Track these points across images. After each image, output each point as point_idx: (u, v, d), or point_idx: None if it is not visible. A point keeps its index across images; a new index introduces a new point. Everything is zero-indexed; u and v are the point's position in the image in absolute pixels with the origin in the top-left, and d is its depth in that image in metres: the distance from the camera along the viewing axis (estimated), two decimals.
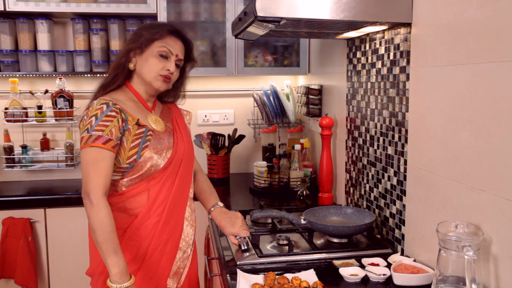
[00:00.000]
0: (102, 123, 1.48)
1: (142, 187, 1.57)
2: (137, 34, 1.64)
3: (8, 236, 2.47)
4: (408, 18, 1.56)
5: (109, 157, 1.47)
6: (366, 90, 1.93)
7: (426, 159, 1.49)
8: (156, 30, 1.61)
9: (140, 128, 1.57)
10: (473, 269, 1.11)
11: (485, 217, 1.21)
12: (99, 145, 1.45)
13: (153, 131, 1.60)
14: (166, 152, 1.60)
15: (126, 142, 1.53)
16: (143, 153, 1.54)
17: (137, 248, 1.57)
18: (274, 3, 1.47)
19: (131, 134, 1.54)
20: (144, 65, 1.60)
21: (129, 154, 1.53)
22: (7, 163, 2.82)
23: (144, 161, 1.55)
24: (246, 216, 2.04)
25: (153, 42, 1.60)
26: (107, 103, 1.51)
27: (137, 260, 1.57)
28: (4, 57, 2.71)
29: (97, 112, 1.49)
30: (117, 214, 1.56)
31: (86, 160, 1.46)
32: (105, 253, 1.40)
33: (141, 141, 1.55)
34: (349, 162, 2.15)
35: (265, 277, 1.39)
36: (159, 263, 1.60)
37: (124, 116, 1.54)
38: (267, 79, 3.01)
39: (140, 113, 1.61)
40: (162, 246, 1.60)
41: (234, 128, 2.94)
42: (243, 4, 2.69)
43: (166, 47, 1.60)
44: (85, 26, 2.78)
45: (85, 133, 1.48)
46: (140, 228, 1.57)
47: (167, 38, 1.62)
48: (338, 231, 1.68)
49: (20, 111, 2.75)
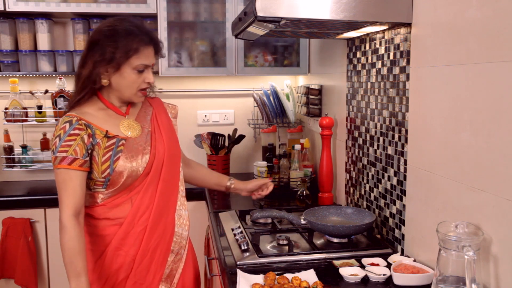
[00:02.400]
0: (65, 143, 1.45)
1: (123, 197, 1.54)
2: (102, 47, 1.47)
3: (8, 236, 2.47)
4: (408, 18, 1.55)
5: (76, 177, 1.45)
6: (366, 90, 1.93)
7: (426, 159, 1.49)
8: (129, 45, 1.47)
9: (110, 140, 1.51)
10: (473, 269, 1.11)
11: (485, 217, 1.21)
12: (65, 166, 1.44)
13: (126, 139, 1.54)
14: (142, 158, 1.55)
15: (97, 157, 1.49)
16: (116, 165, 1.50)
17: (124, 256, 1.54)
18: (274, 3, 1.47)
19: (101, 147, 1.50)
20: (121, 82, 1.51)
21: (102, 168, 1.49)
22: (7, 163, 2.82)
23: (119, 173, 1.50)
24: (246, 216, 2.04)
25: (130, 59, 1.48)
26: (70, 121, 1.47)
27: (126, 268, 1.55)
28: (4, 57, 2.71)
29: (60, 132, 1.46)
30: (101, 223, 1.55)
31: (56, 181, 1.46)
32: (69, 275, 1.40)
33: (112, 153, 1.50)
34: (349, 162, 2.15)
35: (265, 277, 1.39)
36: (149, 270, 1.57)
37: (91, 131, 1.49)
38: (267, 79, 3.01)
39: (110, 122, 1.55)
40: (151, 253, 1.57)
41: (234, 128, 2.94)
42: (243, 4, 2.69)
43: (143, 63, 1.50)
44: (85, 26, 2.78)
45: (51, 153, 1.48)
46: (126, 237, 1.54)
47: (143, 50, 1.50)
48: (338, 231, 1.68)
49: (20, 111, 2.75)
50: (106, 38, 1.48)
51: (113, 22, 1.52)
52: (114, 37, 1.48)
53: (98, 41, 1.49)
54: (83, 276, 1.39)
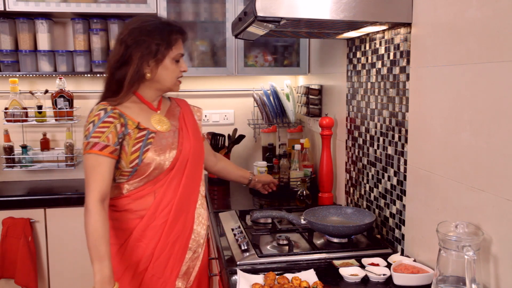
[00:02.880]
0: (98, 129, 1.49)
1: (148, 189, 1.58)
2: (146, 42, 1.53)
3: (8, 236, 2.47)
4: (408, 18, 1.55)
5: (106, 163, 1.48)
6: (366, 90, 1.93)
7: (426, 159, 1.49)
8: (170, 37, 1.57)
9: (141, 131, 1.56)
10: (473, 269, 1.11)
11: (485, 217, 1.21)
12: (96, 152, 1.47)
13: (156, 133, 1.59)
14: (169, 153, 1.60)
15: (127, 147, 1.53)
16: (145, 156, 1.54)
17: (144, 248, 1.57)
18: (274, 3, 1.47)
19: (132, 138, 1.54)
20: (164, 73, 1.59)
21: (131, 158, 1.53)
22: (7, 163, 2.82)
23: (146, 164, 1.55)
24: (246, 216, 2.04)
25: (169, 50, 1.57)
26: (105, 109, 1.52)
27: (145, 261, 1.57)
28: (4, 57, 2.71)
29: (94, 119, 1.51)
30: (123, 215, 1.57)
31: (85, 166, 1.49)
32: (92, 258, 1.42)
33: (142, 145, 1.55)
34: (349, 162, 2.15)
35: (265, 277, 1.39)
36: (167, 264, 1.60)
37: (123, 120, 1.54)
38: (267, 79, 3.01)
39: (142, 115, 1.60)
40: (169, 247, 1.60)
41: (234, 128, 2.94)
42: (243, 4, 2.69)
43: (180, 52, 1.61)
44: (85, 26, 2.78)
45: (84, 139, 1.50)
46: (147, 230, 1.57)
47: (177, 41, 1.60)
48: (338, 231, 1.68)
49: (20, 111, 2.75)
50: (148, 33, 1.54)
51: (146, 19, 1.59)
52: (155, 32, 1.55)
53: (139, 38, 1.53)
54: (106, 260, 1.42)
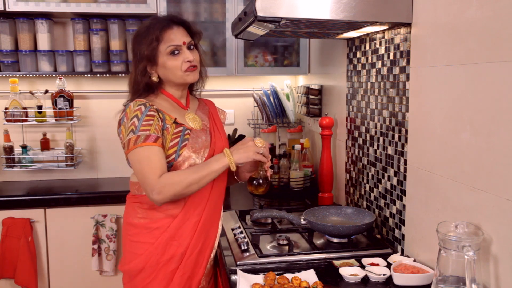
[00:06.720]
0: (145, 122, 1.49)
1: None
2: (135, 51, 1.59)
3: (8, 236, 2.47)
4: (408, 18, 1.55)
5: (161, 152, 1.49)
6: (366, 90, 1.93)
7: (426, 159, 1.49)
8: (150, 36, 1.55)
9: (178, 126, 1.57)
10: (473, 269, 1.11)
11: (485, 217, 1.21)
12: (151, 144, 1.47)
13: (191, 130, 1.60)
14: (204, 151, 1.60)
15: (165, 142, 1.54)
16: (182, 152, 1.55)
17: (177, 247, 1.57)
18: (274, 3, 1.47)
19: (170, 133, 1.55)
20: (165, 72, 1.59)
21: (168, 153, 1.53)
22: (7, 163, 2.82)
23: (182, 160, 1.55)
24: (246, 216, 2.04)
25: (157, 48, 1.55)
26: (144, 104, 1.52)
27: (177, 260, 1.57)
28: (4, 57, 2.71)
29: (136, 113, 1.50)
30: (155, 214, 1.57)
31: (138, 160, 1.47)
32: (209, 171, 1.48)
33: (180, 140, 1.56)
34: (349, 162, 2.15)
35: (265, 277, 1.39)
36: (197, 262, 1.61)
37: (161, 115, 1.54)
38: (267, 79, 3.01)
39: (176, 112, 1.61)
40: (200, 245, 1.61)
41: (234, 128, 2.94)
42: (243, 4, 2.69)
43: (171, 44, 1.56)
44: (85, 26, 2.78)
45: (130, 134, 1.48)
46: (181, 228, 1.58)
47: (164, 34, 1.56)
48: (338, 231, 1.68)
49: (20, 111, 2.75)
50: (133, 42, 1.61)
51: (140, 25, 1.63)
52: (137, 38, 1.59)
53: (134, 48, 1.61)
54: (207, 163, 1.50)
